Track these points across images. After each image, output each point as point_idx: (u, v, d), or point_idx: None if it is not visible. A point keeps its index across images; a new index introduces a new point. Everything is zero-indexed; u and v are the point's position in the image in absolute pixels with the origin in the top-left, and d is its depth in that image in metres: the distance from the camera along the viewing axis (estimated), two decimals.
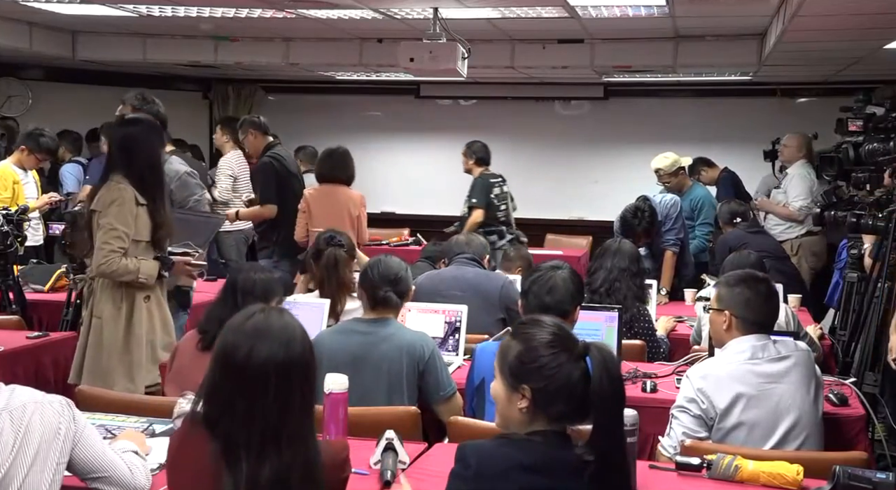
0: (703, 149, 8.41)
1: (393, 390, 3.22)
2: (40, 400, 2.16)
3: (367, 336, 3.30)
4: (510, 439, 2.01)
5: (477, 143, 7.15)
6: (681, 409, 2.92)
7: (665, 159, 6.72)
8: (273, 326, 2.02)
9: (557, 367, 1.97)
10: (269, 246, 5.84)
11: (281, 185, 5.85)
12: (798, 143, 7.16)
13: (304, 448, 1.98)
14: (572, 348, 1.99)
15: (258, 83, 10.72)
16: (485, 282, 4.55)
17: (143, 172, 3.83)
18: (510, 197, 7.13)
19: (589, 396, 1.94)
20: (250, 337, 1.99)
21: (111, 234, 3.73)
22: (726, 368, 2.93)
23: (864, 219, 4.56)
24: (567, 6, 6.12)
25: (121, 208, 3.74)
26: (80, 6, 6.80)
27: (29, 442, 2.08)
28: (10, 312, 4.89)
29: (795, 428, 2.88)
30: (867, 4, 4.94)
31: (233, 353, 1.98)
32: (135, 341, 3.81)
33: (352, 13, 6.64)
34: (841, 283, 5.61)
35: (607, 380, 1.92)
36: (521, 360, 2.02)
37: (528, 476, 1.92)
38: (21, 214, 5.32)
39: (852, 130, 4.95)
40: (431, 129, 10.22)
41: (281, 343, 1.99)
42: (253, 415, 1.95)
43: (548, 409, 1.98)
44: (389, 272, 3.37)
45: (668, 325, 4.73)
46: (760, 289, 3.04)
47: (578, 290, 3.20)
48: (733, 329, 3.01)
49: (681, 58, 7.59)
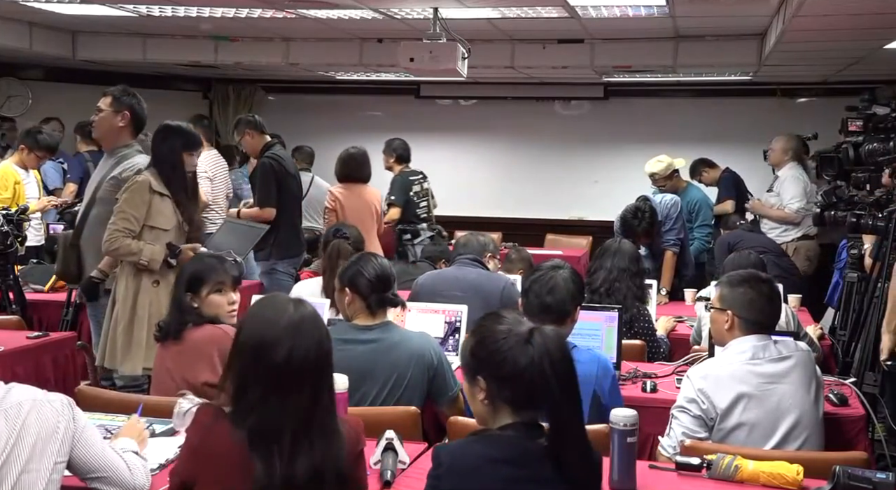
0: (703, 149, 8.41)
1: (400, 401, 3.17)
2: (39, 398, 2.15)
3: (372, 345, 3.21)
4: (481, 435, 2.04)
5: (396, 141, 7.16)
6: (681, 410, 2.92)
7: (659, 163, 6.69)
8: (306, 323, 2.07)
9: (505, 354, 1.98)
10: (265, 247, 5.78)
11: (280, 186, 5.83)
12: (783, 145, 7.11)
13: (334, 439, 2.03)
14: (519, 335, 2.00)
15: (258, 83, 10.71)
16: (486, 283, 4.54)
17: (166, 170, 4.20)
18: (431, 194, 7.17)
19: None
20: (289, 335, 2.03)
21: (119, 215, 4.07)
22: (727, 369, 2.93)
23: (864, 219, 4.56)
24: (567, 6, 6.12)
25: (132, 194, 4.09)
26: (80, 6, 6.80)
27: (24, 441, 2.07)
28: (10, 312, 4.89)
29: (796, 428, 2.88)
30: (867, 4, 4.94)
31: (271, 351, 2.01)
32: (138, 322, 4.03)
33: (352, 13, 6.64)
34: (841, 283, 5.61)
35: (548, 363, 1.94)
36: (472, 352, 2.06)
37: (500, 468, 1.94)
38: (21, 214, 5.32)
39: (852, 130, 4.95)
40: (431, 129, 10.21)
41: (314, 340, 2.06)
42: (286, 410, 1.99)
43: (503, 396, 1.99)
44: (384, 272, 3.32)
45: (667, 325, 4.73)
46: (763, 289, 3.04)
47: (579, 290, 3.19)
48: (735, 329, 3.02)
49: (681, 58, 7.59)
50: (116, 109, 4.40)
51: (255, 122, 6.04)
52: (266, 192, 5.81)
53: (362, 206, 6.25)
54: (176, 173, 4.23)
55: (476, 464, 1.95)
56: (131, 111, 4.42)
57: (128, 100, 4.44)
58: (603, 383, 3.00)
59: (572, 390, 1.97)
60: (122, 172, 4.29)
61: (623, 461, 2.47)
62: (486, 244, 4.90)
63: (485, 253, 4.83)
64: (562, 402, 1.94)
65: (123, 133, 4.43)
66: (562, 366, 1.96)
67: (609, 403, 2.91)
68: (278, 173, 5.78)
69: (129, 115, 4.41)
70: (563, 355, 1.97)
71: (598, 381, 2.99)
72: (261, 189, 5.87)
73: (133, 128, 4.46)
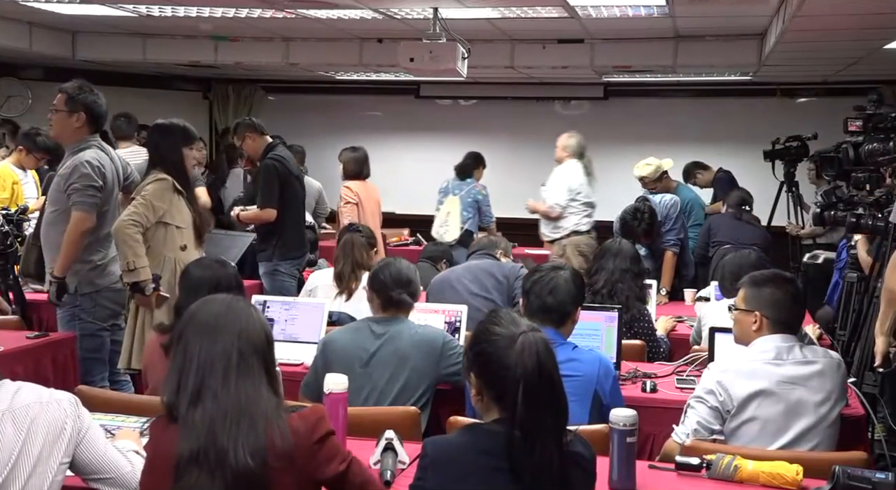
0: (702, 149, 8.42)
1: (408, 386, 3.29)
2: (46, 400, 2.13)
3: (380, 334, 3.38)
4: (469, 428, 2.11)
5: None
6: (698, 400, 2.92)
7: (648, 166, 6.68)
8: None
9: (491, 354, 2.04)
10: (267, 249, 5.77)
11: (283, 187, 5.80)
12: (562, 142, 7.03)
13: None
14: (507, 338, 2.04)
15: (258, 83, 10.72)
16: (496, 268, 4.81)
17: (170, 169, 4.30)
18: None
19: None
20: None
21: (139, 200, 4.20)
22: (749, 365, 2.92)
23: (864, 219, 4.56)
24: (567, 6, 6.13)
25: (159, 189, 4.24)
26: (80, 6, 6.81)
27: (32, 444, 2.06)
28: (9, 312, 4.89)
29: (808, 432, 2.86)
30: (867, 4, 4.94)
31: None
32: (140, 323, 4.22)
33: (352, 13, 6.64)
34: (841, 283, 5.61)
35: (521, 367, 1.98)
36: (467, 349, 2.14)
37: (480, 458, 1.99)
38: (21, 214, 5.32)
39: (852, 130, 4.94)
40: (431, 129, 10.22)
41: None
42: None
43: (489, 394, 2.05)
44: (401, 275, 3.48)
45: (667, 325, 4.73)
46: (789, 289, 3.02)
47: (580, 291, 3.20)
48: (763, 329, 2.99)
49: (681, 58, 7.60)
50: (71, 110, 4.28)
51: (254, 125, 5.99)
52: (268, 193, 5.79)
53: (373, 201, 6.82)
54: (180, 170, 4.29)
55: (458, 454, 2.01)
56: (87, 111, 4.30)
57: (83, 98, 4.30)
58: (604, 383, 3.01)
59: (547, 394, 2.00)
60: (63, 169, 4.27)
61: (623, 461, 2.47)
62: (497, 242, 5.21)
63: (496, 249, 5.07)
64: (534, 406, 1.96)
65: (80, 132, 4.32)
66: (538, 374, 1.98)
67: (610, 403, 2.91)
68: (281, 174, 5.76)
69: (86, 116, 4.30)
70: (540, 362, 2.00)
71: (599, 382, 2.99)
72: (263, 190, 5.85)
73: (91, 125, 4.34)
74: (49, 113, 4.41)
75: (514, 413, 1.96)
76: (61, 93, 4.33)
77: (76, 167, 4.21)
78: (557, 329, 3.05)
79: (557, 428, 2.00)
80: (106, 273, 4.36)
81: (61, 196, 4.24)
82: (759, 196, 7.53)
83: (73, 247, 4.21)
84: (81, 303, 4.33)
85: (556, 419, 2.01)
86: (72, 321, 4.35)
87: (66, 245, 4.19)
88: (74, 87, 4.32)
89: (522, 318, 2.14)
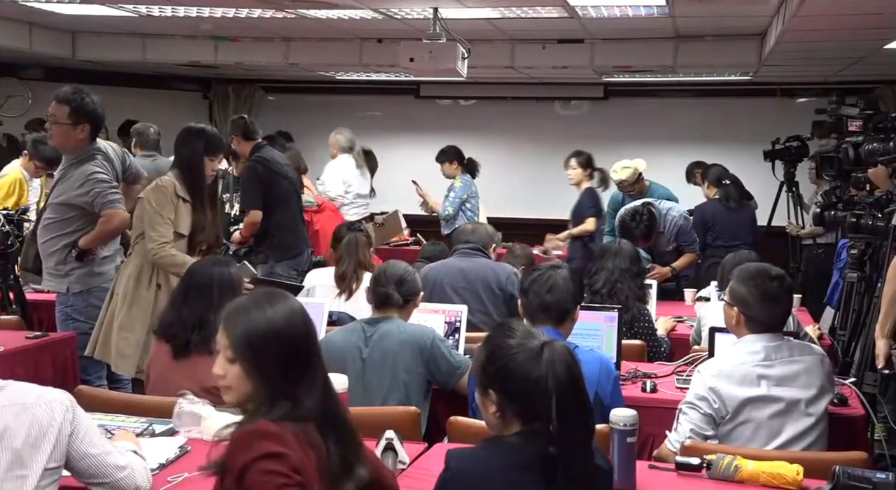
0: (702, 149, 8.41)
1: (396, 385, 3.31)
2: (32, 401, 2.07)
3: (370, 334, 3.41)
4: (491, 442, 2.04)
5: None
6: (690, 406, 2.90)
7: (626, 170, 6.65)
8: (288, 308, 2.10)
9: (514, 369, 1.99)
10: (263, 251, 5.73)
11: (267, 188, 5.74)
12: (331, 140, 7.77)
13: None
14: (530, 349, 2.00)
15: (258, 83, 10.72)
16: (490, 274, 4.64)
17: (185, 173, 4.26)
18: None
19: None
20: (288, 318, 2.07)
21: (156, 223, 4.11)
22: (741, 369, 2.90)
23: (864, 219, 4.56)
24: (567, 6, 6.12)
25: (160, 198, 4.15)
26: (80, 6, 6.81)
27: (5, 447, 1.99)
28: (10, 312, 4.89)
29: (802, 431, 2.86)
30: (867, 4, 4.94)
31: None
32: (139, 325, 4.10)
33: (352, 13, 6.64)
34: (841, 283, 5.60)
35: (554, 382, 1.94)
36: (483, 367, 2.06)
37: (507, 474, 1.95)
38: (21, 215, 5.32)
39: (852, 130, 4.94)
40: (431, 129, 10.21)
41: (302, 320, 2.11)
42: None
43: (513, 409, 2.00)
44: (395, 274, 3.51)
45: (667, 325, 4.73)
46: (770, 287, 2.96)
47: (578, 290, 3.21)
48: (741, 326, 3.00)
49: (681, 58, 7.59)
50: (76, 122, 4.25)
51: (242, 128, 5.91)
52: (247, 195, 5.74)
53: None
54: (195, 176, 4.26)
55: (483, 469, 1.97)
56: (90, 121, 4.29)
57: (86, 108, 4.27)
58: (604, 384, 3.00)
59: (579, 405, 1.98)
60: (73, 185, 4.28)
61: (623, 461, 2.47)
62: (493, 234, 5.04)
63: (491, 244, 4.95)
64: (567, 418, 1.93)
65: (84, 142, 4.31)
66: (569, 385, 1.96)
67: (610, 404, 2.91)
68: (262, 176, 5.67)
69: (90, 127, 4.29)
70: (571, 373, 1.97)
71: (599, 382, 2.98)
72: (242, 193, 5.81)
73: (93, 134, 4.34)
74: (48, 122, 4.40)
75: (548, 427, 1.91)
76: (62, 104, 4.26)
77: (89, 182, 4.25)
78: (557, 327, 3.05)
79: (588, 439, 1.98)
80: (98, 272, 4.38)
81: (62, 207, 4.28)
82: (760, 196, 7.54)
83: (108, 236, 4.34)
84: (74, 302, 4.35)
85: (586, 429, 1.99)
86: (66, 321, 4.38)
87: (102, 234, 4.30)
88: (76, 98, 4.26)
89: (533, 328, 2.12)
